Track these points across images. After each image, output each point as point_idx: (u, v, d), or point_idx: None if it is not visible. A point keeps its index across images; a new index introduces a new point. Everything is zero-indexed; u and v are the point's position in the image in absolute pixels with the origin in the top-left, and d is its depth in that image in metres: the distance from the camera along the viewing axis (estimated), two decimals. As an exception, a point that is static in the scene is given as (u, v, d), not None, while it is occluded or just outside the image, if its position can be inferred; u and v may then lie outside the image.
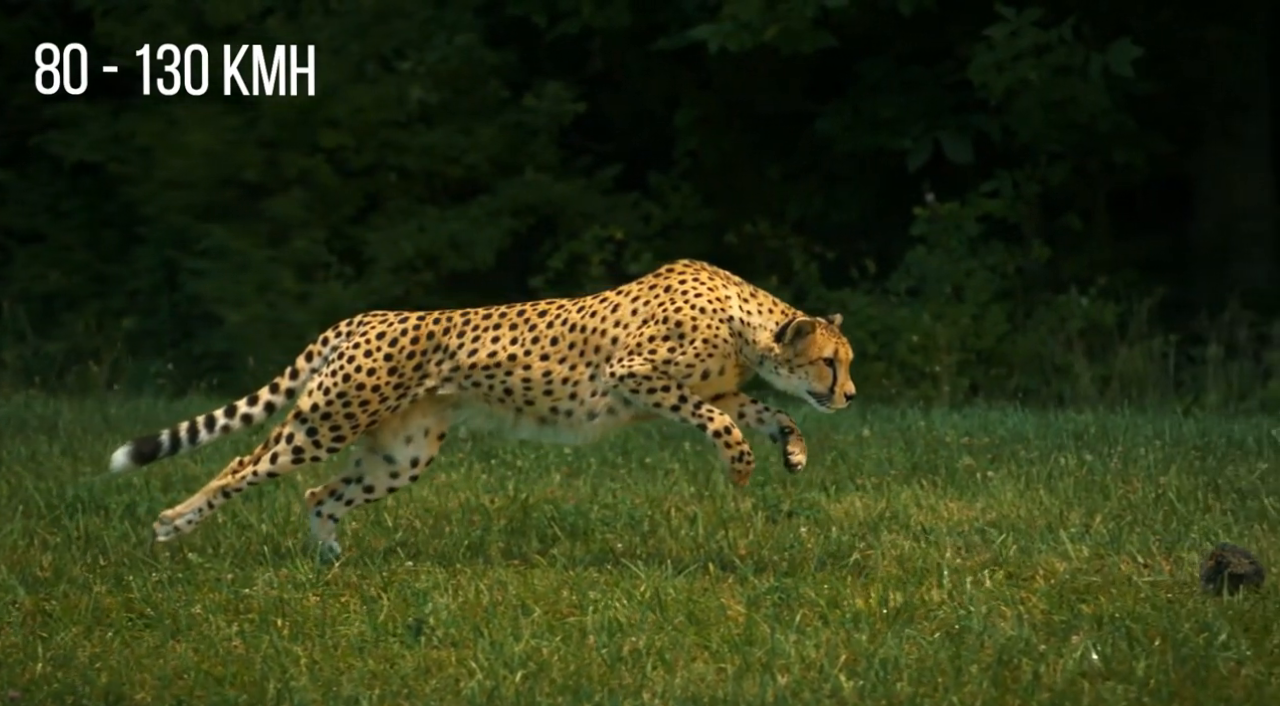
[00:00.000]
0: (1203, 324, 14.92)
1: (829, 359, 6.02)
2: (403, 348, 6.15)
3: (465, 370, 6.11)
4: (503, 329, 6.15)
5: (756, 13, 14.62)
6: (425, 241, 15.65)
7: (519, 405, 6.13)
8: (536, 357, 6.09)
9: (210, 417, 6.31)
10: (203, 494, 6.25)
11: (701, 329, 6.01)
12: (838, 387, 6.02)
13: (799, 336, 6.00)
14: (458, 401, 6.19)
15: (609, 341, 6.07)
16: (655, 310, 6.04)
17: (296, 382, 6.29)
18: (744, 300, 6.08)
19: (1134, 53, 14.48)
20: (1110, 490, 7.55)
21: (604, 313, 6.10)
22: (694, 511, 7.11)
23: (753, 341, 6.03)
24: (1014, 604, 5.56)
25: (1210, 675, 4.76)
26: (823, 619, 5.43)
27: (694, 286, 6.07)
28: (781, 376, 6.04)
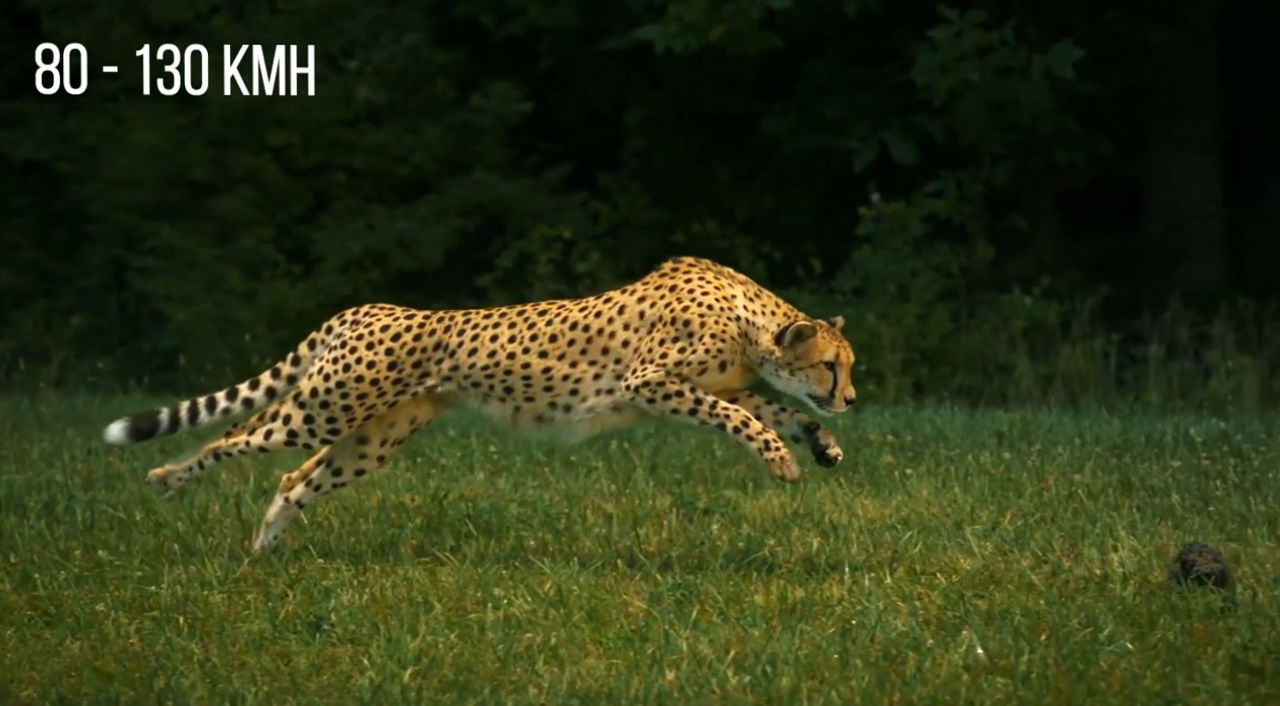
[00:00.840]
0: (1144, 324, 15.07)
1: (829, 363, 6.02)
2: (405, 344, 6.18)
3: (465, 369, 6.14)
4: (502, 327, 6.17)
5: (702, 14, 14.70)
6: (373, 240, 15.69)
7: (518, 403, 6.15)
8: (535, 355, 6.11)
9: (211, 400, 6.35)
10: (198, 453, 6.32)
11: (710, 326, 6.01)
12: (838, 391, 6.03)
13: (799, 339, 6.00)
14: (456, 400, 6.23)
15: (619, 343, 6.08)
16: (663, 312, 6.04)
17: (298, 369, 6.33)
18: (749, 299, 6.08)
19: (1075, 54, 14.61)
20: (1024, 488, 7.64)
21: (610, 313, 6.11)
22: (610, 509, 7.18)
23: (755, 341, 6.04)
24: (910, 600, 5.64)
25: (1090, 669, 4.85)
26: (722, 615, 5.50)
27: (700, 284, 6.08)
28: (781, 378, 6.05)
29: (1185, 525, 6.77)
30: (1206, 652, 4.96)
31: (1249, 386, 14.28)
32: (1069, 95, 15.09)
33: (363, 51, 15.81)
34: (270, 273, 15.57)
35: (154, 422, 6.30)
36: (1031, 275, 15.51)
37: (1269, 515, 6.85)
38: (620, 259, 16.25)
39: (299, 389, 6.22)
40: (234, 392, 6.34)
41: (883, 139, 15.52)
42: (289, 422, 6.20)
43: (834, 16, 15.34)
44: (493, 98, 16.01)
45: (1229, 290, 16.02)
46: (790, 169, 16.56)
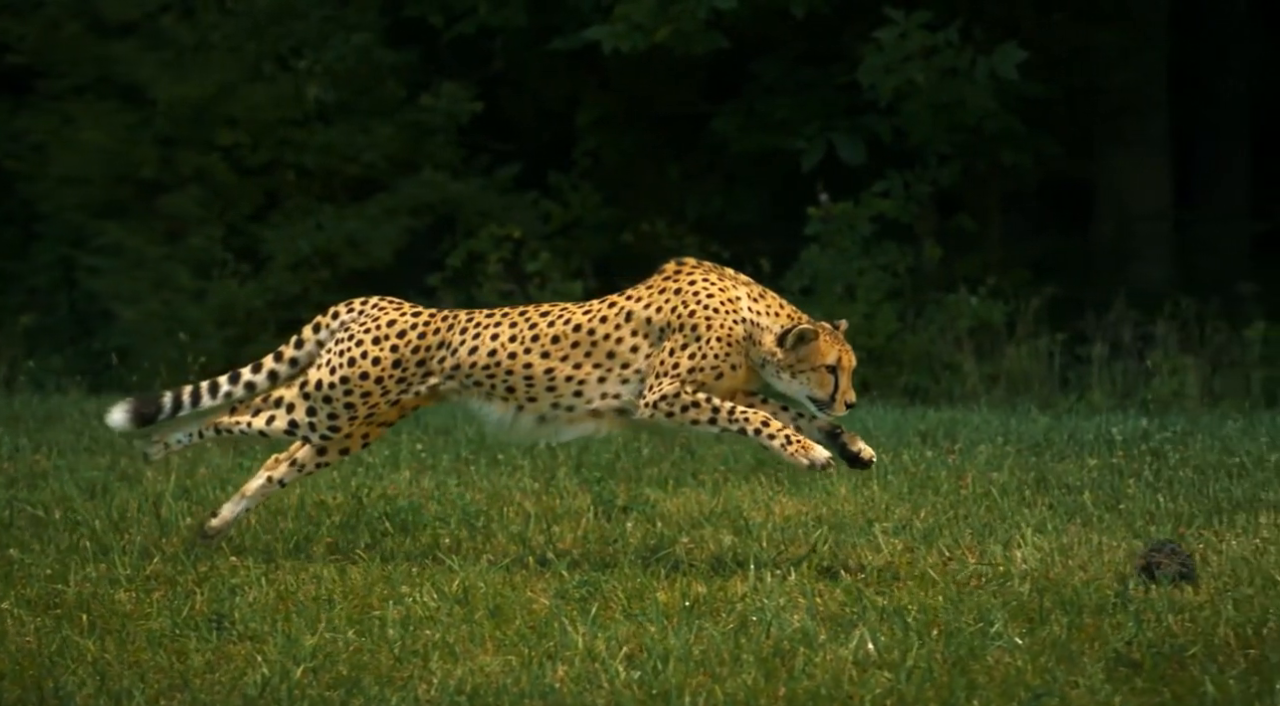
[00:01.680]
0: (1089, 324, 15.19)
1: (831, 366, 6.01)
2: (409, 341, 6.18)
3: (466, 368, 6.15)
4: (503, 327, 6.18)
5: (648, 14, 14.77)
6: (323, 239, 15.72)
7: (520, 402, 6.16)
8: (537, 355, 6.12)
9: (214, 383, 6.36)
10: (198, 423, 6.34)
11: (715, 329, 6.02)
12: (839, 395, 6.02)
13: (802, 342, 5.99)
14: (459, 399, 6.24)
15: (627, 348, 6.07)
16: (669, 317, 6.04)
17: (301, 352, 6.33)
18: (753, 300, 6.08)
19: (1019, 56, 14.71)
20: (941, 486, 7.73)
21: (616, 318, 6.10)
22: (530, 507, 7.24)
23: (759, 342, 6.03)
24: (810, 596, 5.72)
25: (975, 663, 4.92)
26: (625, 612, 5.57)
27: (704, 287, 6.08)
28: (783, 380, 6.04)
29: (1094, 523, 6.86)
30: (1093, 647, 5.05)
31: (1191, 386, 14.41)
32: (1015, 96, 15.20)
33: (312, 51, 15.84)
34: (219, 271, 15.59)
35: (156, 407, 6.31)
36: (979, 275, 15.63)
37: (1175, 513, 6.95)
38: (571, 258, 16.32)
39: (306, 379, 6.23)
40: (236, 376, 6.35)
41: (830, 139, 15.60)
42: (292, 412, 6.22)
43: (782, 17, 15.43)
44: (443, 97, 16.06)
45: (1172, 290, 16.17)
46: (740, 169, 16.64)
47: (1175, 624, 5.25)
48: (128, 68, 15.55)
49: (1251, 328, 14.58)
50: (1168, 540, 5.92)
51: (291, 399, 6.23)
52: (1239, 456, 8.03)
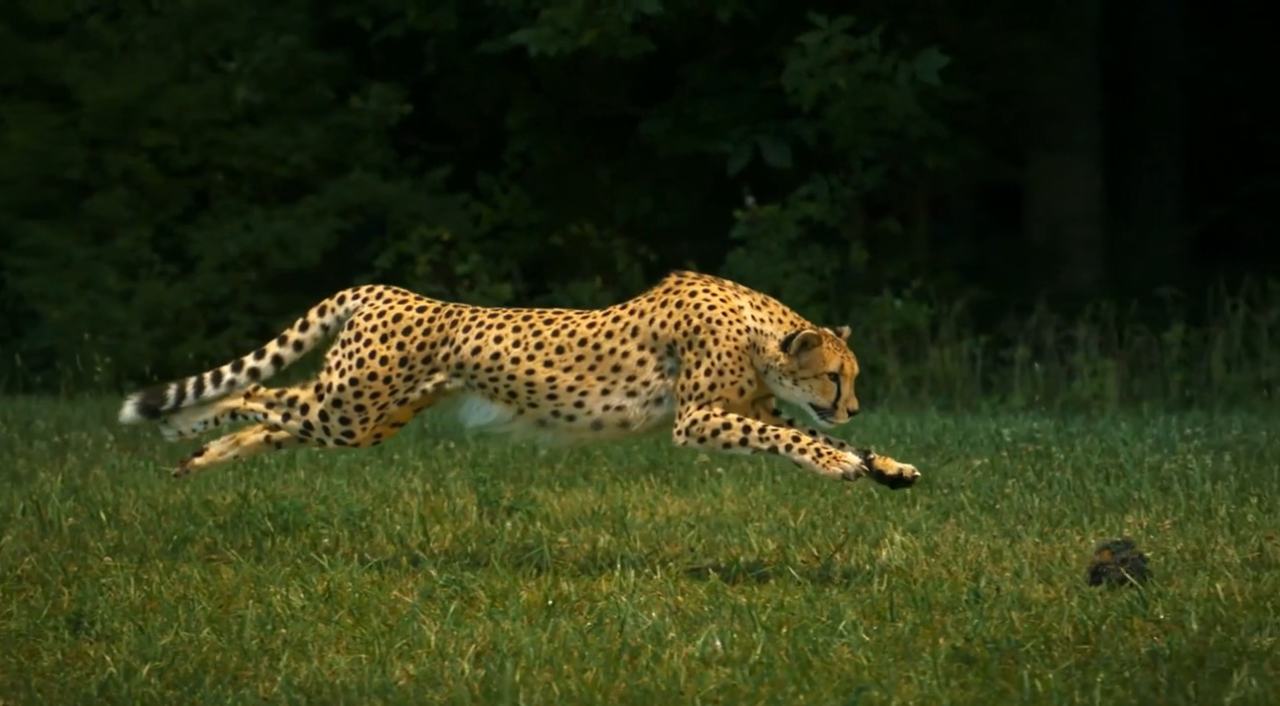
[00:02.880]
0: (1011, 326, 15.35)
1: (834, 373, 6.00)
2: (415, 338, 6.19)
3: (470, 368, 6.15)
4: (506, 330, 6.17)
5: (574, 18, 14.84)
6: (251, 240, 15.75)
7: (521, 407, 6.17)
8: (540, 363, 6.12)
9: (217, 373, 6.36)
10: (208, 411, 6.32)
11: (723, 341, 6.02)
12: (841, 403, 6.01)
13: (804, 348, 5.97)
14: (462, 398, 6.23)
15: (634, 362, 6.07)
16: (674, 333, 6.05)
17: (305, 335, 6.33)
18: (755, 309, 6.07)
19: (941, 61, 14.84)
20: (830, 488, 7.82)
21: (621, 334, 6.10)
22: (415, 507, 7.31)
23: (763, 349, 6.02)
24: (673, 594, 5.81)
25: (817, 660, 5.02)
26: (489, 610, 5.64)
27: (706, 298, 6.06)
28: (785, 387, 6.02)
29: (967, 523, 6.97)
30: (934, 644, 5.15)
31: (1110, 387, 14.57)
32: (939, 101, 15.34)
33: (240, 53, 15.86)
34: (146, 272, 15.61)
35: (160, 398, 6.32)
36: (906, 278, 15.77)
37: (1047, 512, 7.07)
38: (501, 260, 16.39)
39: (318, 381, 6.24)
40: (239, 364, 6.36)
41: (757, 143, 15.72)
42: (306, 413, 6.23)
43: (708, 21, 15.53)
44: (371, 99, 16.11)
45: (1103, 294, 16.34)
46: (669, 172, 16.74)
47: (1019, 620, 5.36)
48: (54, 69, 15.56)
49: (1170, 331, 14.75)
50: (1122, 541, 5.87)
51: (305, 400, 6.24)
52: (1121, 457, 8.16)
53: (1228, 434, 9.01)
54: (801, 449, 5.93)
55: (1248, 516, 6.84)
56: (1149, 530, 6.64)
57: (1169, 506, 7.07)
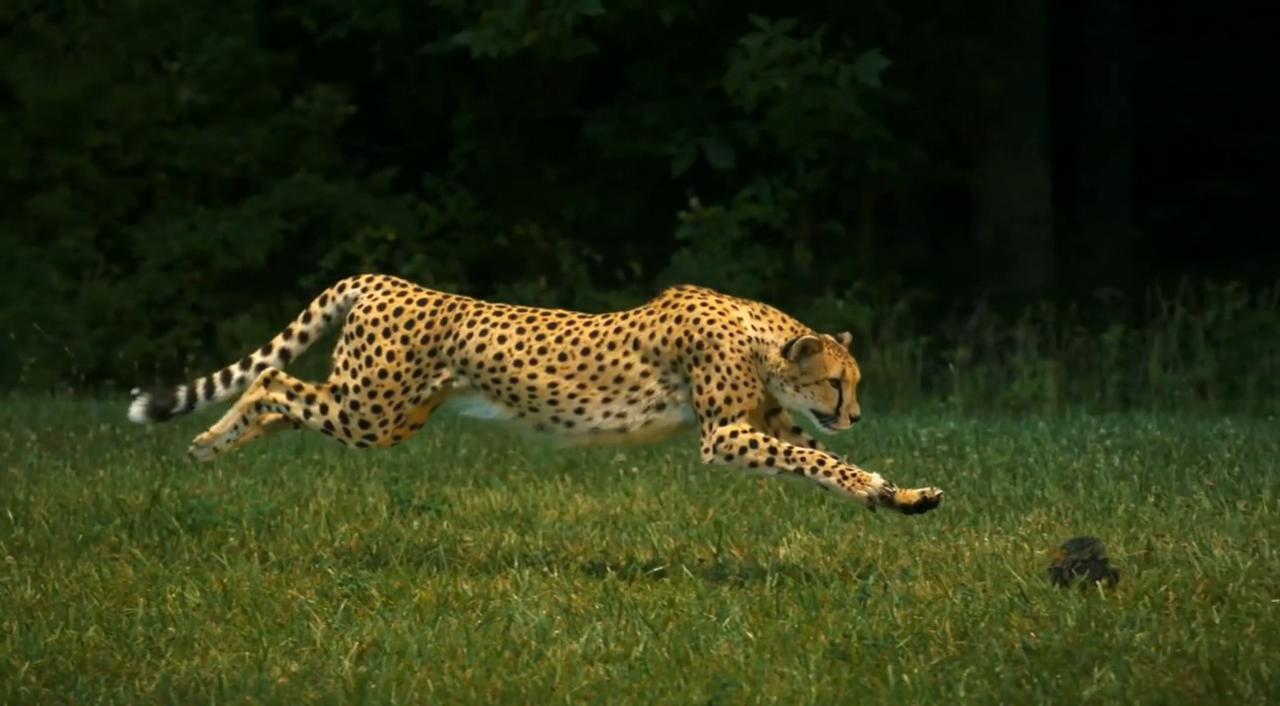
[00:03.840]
0: (951, 327, 15.46)
1: (835, 379, 6.00)
2: (418, 331, 6.18)
3: (474, 367, 6.15)
4: (510, 330, 6.16)
5: (517, 20, 14.90)
6: (195, 240, 15.77)
7: (522, 410, 6.17)
8: (542, 369, 6.12)
9: (226, 373, 6.35)
10: (236, 410, 6.28)
11: (728, 353, 6.01)
12: (843, 409, 6.01)
13: (805, 354, 6.00)
14: (469, 396, 6.23)
15: (637, 374, 6.07)
16: (676, 350, 6.04)
17: (309, 326, 6.32)
18: (755, 318, 6.08)
19: (881, 64, 14.94)
20: (741, 486, 7.90)
21: (624, 346, 6.09)
22: (325, 506, 7.35)
23: (764, 357, 6.02)
24: (566, 593, 5.87)
25: (697, 656, 5.08)
26: (384, 608, 5.69)
27: (704, 311, 6.06)
28: (786, 394, 6.03)
29: (870, 521, 7.05)
30: (814, 640, 5.22)
31: (1049, 388, 14.69)
32: (882, 103, 15.43)
33: (185, 53, 15.87)
34: (90, 272, 15.61)
35: (171, 400, 6.31)
36: (851, 279, 15.87)
37: (949, 511, 7.15)
38: (448, 261, 16.43)
39: (333, 383, 6.23)
40: (247, 362, 6.36)
41: (701, 145, 15.80)
42: (326, 413, 6.22)
43: (652, 23, 15.60)
44: (316, 100, 16.14)
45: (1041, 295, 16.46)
46: (614, 173, 16.81)
47: (901, 617, 5.44)
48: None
49: (1109, 332, 14.87)
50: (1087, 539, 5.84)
51: (324, 400, 6.24)
52: (1031, 457, 8.25)
53: (1142, 433, 9.11)
54: (827, 471, 5.94)
55: (1144, 515, 6.94)
56: (1044, 528, 6.72)
57: (1070, 505, 7.16)
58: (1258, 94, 19.26)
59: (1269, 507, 6.99)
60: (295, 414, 6.25)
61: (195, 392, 6.33)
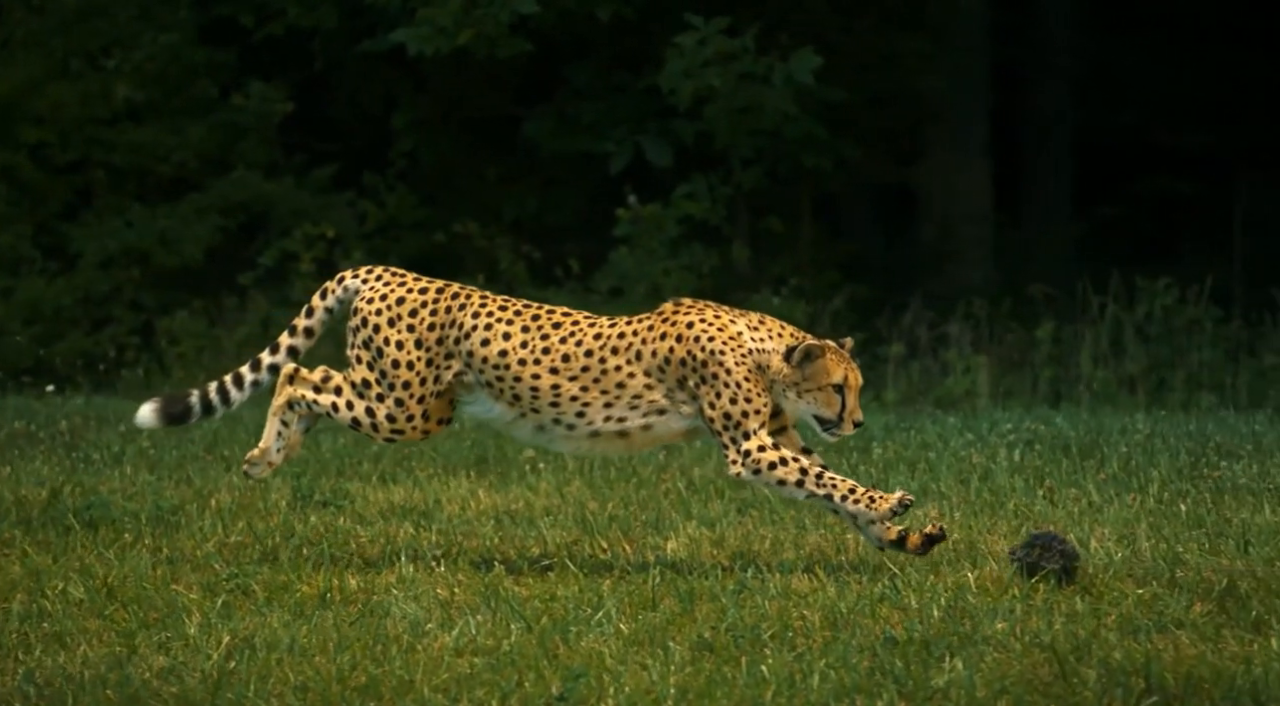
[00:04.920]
0: (886, 324, 15.56)
1: (838, 385, 6.01)
2: (423, 319, 6.16)
3: (479, 361, 6.15)
4: (514, 328, 6.14)
5: (451, 18, 14.94)
6: (133, 238, 15.77)
7: (523, 410, 6.16)
8: (546, 370, 6.11)
9: (238, 375, 6.34)
10: (272, 417, 6.24)
11: (734, 370, 6.01)
12: (846, 414, 6.02)
13: (808, 359, 5.99)
14: (475, 393, 6.21)
15: (640, 385, 6.07)
16: (680, 369, 6.04)
17: (312, 321, 6.31)
18: (753, 329, 6.08)
19: (814, 62, 15.03)
20: (644, 481, 7.97)
21: (626, 354, 6.08)
22: (227, 502, 7.39)
23: (768, 366, 6.03)
24: (450, 587, 5.93)
25: (566, 648, 5.15)
26: (261, 603, 5.74)
27: (704, 329, 6.04)
28: (789, 400, 6.03)
29: (766, 516, 7.13)
30: (683, 633, 5.29)
31: (982, 384, 14.81)
32: (817, 101, 15.52)
33: (121, 50, 15.87)
34: (27, 269, 15.60)
35: (185, 406, 6.30)
36: (790, 276, 15.96)
37: (843, 505, 7.23)
38: (388, 259, 16.45)
39: (353, 379, 6.21)
40: (257, 363, 6.35)
41: (639, 142, 15.87)
42: (352, 410, 6.20)
43: (588, 21, 15.66)
44: (254, 97, 16.15)
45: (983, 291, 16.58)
46: (554, 171, 16.87)
47: (773, 609, 5.51)
48: (-68, 64, 15.53)
49: (1041, 328, 15.00)
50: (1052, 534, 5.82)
51: (350, 396, 6.22)
52: (934, 451, 8.35)
53: (1045, 427, 9.21)
54: (856, 499, 5.93)
55: (1034, 508, 7.03)
56: (930, 522, 6.79)
57: (962, 498, 7.25)
58: (1199, 92, 19.43)
59: (1155, 500, 7.09)
60: (324, 407, 6.23)
61: (209, 397, 6.32)
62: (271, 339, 16.99)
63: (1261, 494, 7.05)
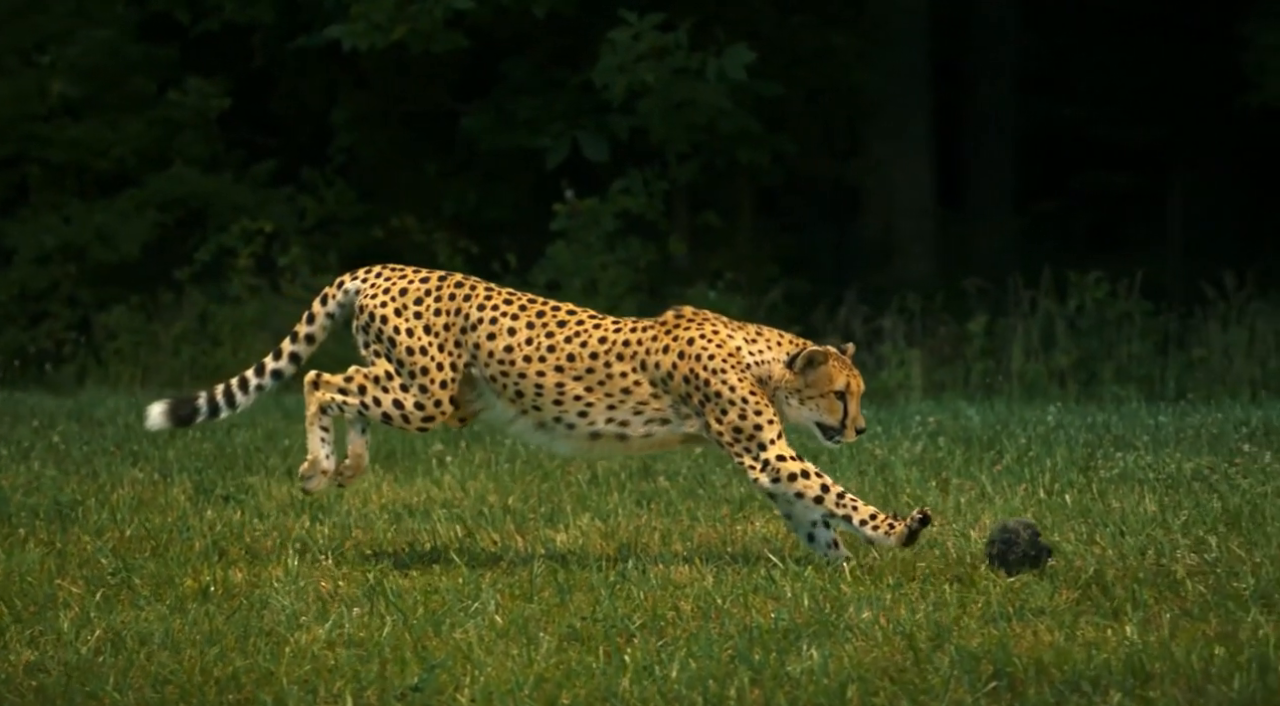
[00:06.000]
0: (821, 318, 15.66)
1: (840, 392, 6.02)
2: (429, 306, 6.16)
3: (485, 355, 6.15)
4: (519, 323, 6.13)
5: (386, 13, 14.97)
6: (70, 233, 15.76)
7: (525, 408, 6.15)
8: (551, 368, 6.10)
9: (243, 379, 6.35)
10: (310, 429, 6.24)
11: (738, 387, 6.00)
12: (849, 421, 6.03)
13: (810, 366, 6.00)
14: (478, 388, 6.20)
15: (647, 393, 6.07)
16: (682, 387, 6.04)
17: (314, 327, 6.31)
18: (750, 342, 6.09)
19: (747, 57, 15.11)
20: (549, 474, 8.03)
21: (631, 362, 6.07)
22: (126, 496, 7.42)
23: (770, 377, 6.04)
24: (334, 580, 5.98)
25: (436, 640, 5.20)
26: (142, 598, 5.78)
27: (704, 346, 6.02)
28: (791, 407, 6.03)
29: (663, 509, 7.20)
30: (553, 624, 5.35)
31: (915, 377, 14.91)
32: (753, 96, 15.60)
33: (56, 46, 15.85)
34: (-39, 265, 15.60)
35: (193, 408, 6.31)
36: (729, 270, 16.04)
37: (741, 498, 7.30)
38: (327, 253, 16.48)
39: (375, 374, 6.19)
40: (261, 367, 6.36)
41: (575, 137, 15.92)
42: (380, 405, 6.19)
43: (526, 17, 15.71)
44: (191, 93, 16.15)
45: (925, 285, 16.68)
46: (494, 166, 16.92)
47: (649, 599, 5.58)
48: None
49: (973, 321, 15.11)
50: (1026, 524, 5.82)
51: (375, 393, 6.21)
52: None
53: (952, 420, 9.31)
54: (874, 525, 5.90)
55: (926, 499, 7.12)
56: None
57: (859, 490, 7.33)
58: (1138, 88, 19.58)
59: (1045, 491, 7.19)
60: (354, 408, 6.23)
61: (215, 400, 6.35)
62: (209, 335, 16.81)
63: (1146, 484, 7.15)
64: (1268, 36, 15.75)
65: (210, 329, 15.40)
